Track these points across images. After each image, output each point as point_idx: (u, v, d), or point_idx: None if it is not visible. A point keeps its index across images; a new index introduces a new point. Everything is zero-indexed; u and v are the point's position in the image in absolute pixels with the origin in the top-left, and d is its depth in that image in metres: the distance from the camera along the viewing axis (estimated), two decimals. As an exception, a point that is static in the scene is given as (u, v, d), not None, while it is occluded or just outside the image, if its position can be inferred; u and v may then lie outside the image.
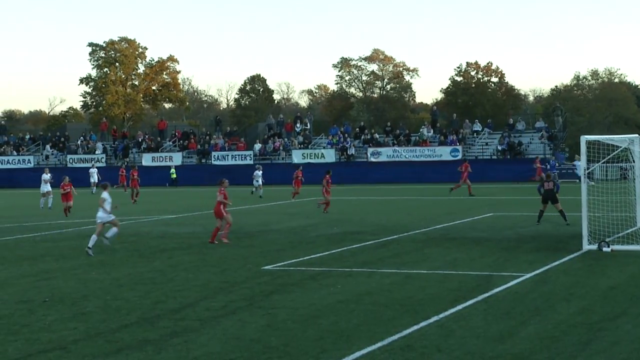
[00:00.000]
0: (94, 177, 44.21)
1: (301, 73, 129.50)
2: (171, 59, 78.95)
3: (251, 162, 54.00)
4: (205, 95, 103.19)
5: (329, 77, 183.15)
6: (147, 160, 55.68)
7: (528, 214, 24.49)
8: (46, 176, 31.57)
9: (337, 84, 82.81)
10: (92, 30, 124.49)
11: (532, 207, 27.19)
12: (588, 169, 16.10)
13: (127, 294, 12.11)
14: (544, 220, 21.87)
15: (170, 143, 58.41)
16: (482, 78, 76.28)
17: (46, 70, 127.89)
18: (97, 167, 46.67)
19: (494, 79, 76.65)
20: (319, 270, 14.04)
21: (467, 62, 76.69)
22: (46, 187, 31.30)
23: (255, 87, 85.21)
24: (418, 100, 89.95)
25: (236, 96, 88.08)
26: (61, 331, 9.72)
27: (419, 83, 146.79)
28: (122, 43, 76.66)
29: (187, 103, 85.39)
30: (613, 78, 79.52)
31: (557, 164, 45.40)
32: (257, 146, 54.91)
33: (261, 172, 37.59)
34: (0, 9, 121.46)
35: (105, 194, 17.03)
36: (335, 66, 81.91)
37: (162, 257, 16.29)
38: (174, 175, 51.16)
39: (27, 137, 63.62)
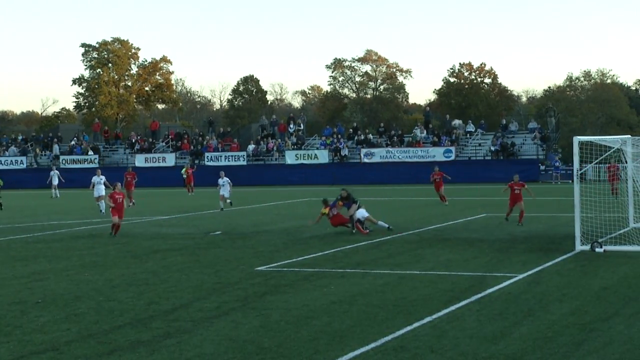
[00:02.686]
0: (55, 180, 41.27)
1: (294, 74, 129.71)
2: (164, 59, 78.79)
3: (244, 162, 54.08)
4: (199, 96, 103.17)
5: (322, 78, 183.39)
6: (140, 161, 55.64)
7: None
8: (97, 178, 28.56)
9: (330, 84, 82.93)
10: (84, 30, 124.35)
11: (526, 208, 27.26)
12: (581, 169, 16.15)
13: (120, 295, 12.07)
14: (536, 221, 21.95)
15: (164, 144, 58.36)
16: (475, 79, 76.44)
17: (39, 71, 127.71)
18: (57, 171, 43.16)
19: (487, 80, 76.84)
20: (312, 271, 14.01)
21: (460, 63, 76.96)
22: (100, 191, 28.15)
23: (249, 88, 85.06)
24: (411, 101, 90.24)
25: (229, 97, 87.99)
26: (54, 332, 9.68)
27: (412, 84, 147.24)
28: (115, 44, 76.46)
29: (180, 104, 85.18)
30: (605, 79, 79.86)
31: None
32: (251, 147, 54.84)
33: (227, 180, 29.13)
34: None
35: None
36: (328, 67, 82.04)
37: (155, 258, 16.24)
38: (185, 175, 45.97)
39: (20, 137, 63.42)
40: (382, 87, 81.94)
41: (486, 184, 43.64)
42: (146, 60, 78.34)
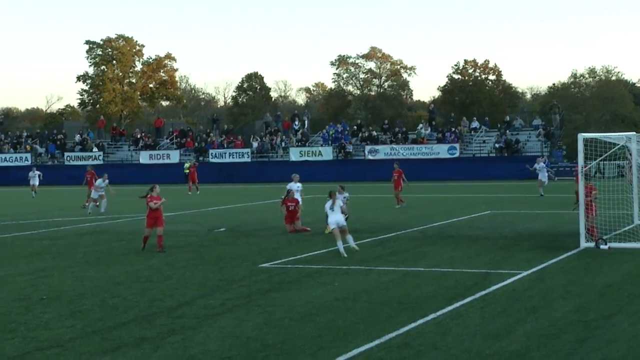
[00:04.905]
0: (35, 181, 39.31)
1: (298, 71, 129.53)
2: (168, 56, 78.85)
3: (249, 159, 54.04)
4: (203, 93, 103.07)
5: (326, 75, 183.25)
6: (144, 158, 55.69)
7: (526, 212, 24.53)
8: (103, 183, 28.49)
9: (334, 81, 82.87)
10: (89, 27, 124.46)
11: (530, 205, 27.27)
12: (585, 166, 16.10)
13: (124, 291, 12.08)
14: (540, 218, 21.91)
15: (168, 141, 58.37)
16: (480, 76, 76.25)
17: (43, 67, 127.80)
18: (38, 172, 40.63)
19: (492, 77, 76.64)
20: (316, 268, 13.95)
21: (464, 60, 76.72)
22: (100, 192, 28.11)
23: (253, 85, 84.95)
24: (415, 98, 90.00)
25: (233, 94, 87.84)
26: (58, 329, 9.70)
27: (416, 81, 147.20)
28: (120, 41, 76.52)
29: (185, 101, 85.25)
30: (610, 76, 79.51)
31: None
32: (255, 144, 54.79)
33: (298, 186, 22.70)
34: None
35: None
36: (332, 64, 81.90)
37: (159, 255, 16.22)
38: (187, 171, 44.71)
39: (24, 134, 63.55)
40: (386, 84, 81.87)
41: (490, 181, 43.57)
42: (150, 57, 78.49)
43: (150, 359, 8.28)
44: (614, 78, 79.25)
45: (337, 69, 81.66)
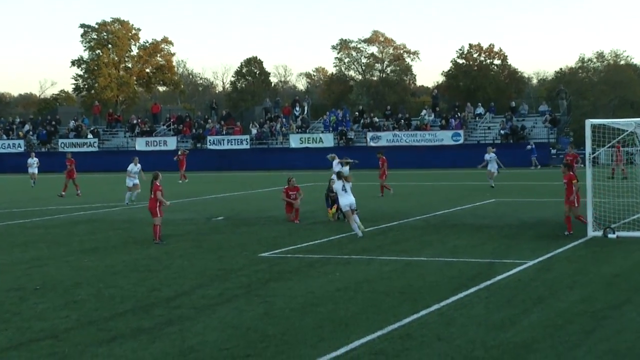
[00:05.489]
0: (34, 169, 37.48)
1: (299, 55, 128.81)
2: (165, 40, 77.87)
3: (248, 146, 53.65)
4: (201, 78, 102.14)
5: (327, 59, 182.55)
6: (140, 144, 55.01)
7: (531, 200, 24.31)
8: (135, 167, 26.17)
9: (335, 66, 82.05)
10: (84, 11, 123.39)
11: (535, 193, 27.04)
12: (593, 153, 15.86)
13: (121, 281, 11.93)
14: (545, 207, 21.69)
15: (165, 127, 57.84)
16: (485, 60, 74.67)
17: (37, 52, 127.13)
18: (36, 158, 38.83)
19: (497, 62, 75.09)
20: (317, 258, 13.83)
21: (469, 44, 75.34)
22: (134, 180, 25.82)
23: (252, 70, 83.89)
24: (419, 83, 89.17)
25: (232, 79, 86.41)
26: (53, 320, 9.54)
27: (419, 66, 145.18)
28: (115, 24, 75.59)
29: (182, 86, 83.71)
30: (619, 60, 78.28)
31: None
32: (254, 130, 54.37)
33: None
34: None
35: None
36: (334, 48, 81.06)
37: (157, 245, 16.03)
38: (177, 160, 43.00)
39: (17, 120, 63.11)
40: (389, 69, 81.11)
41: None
42: (147, 42, 77.49)
43: (147, 350, 8.11)
44: (622, 62, 78.13)
45: (338, 53, 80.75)
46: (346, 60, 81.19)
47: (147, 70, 78.03)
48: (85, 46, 75.58)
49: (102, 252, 15.10)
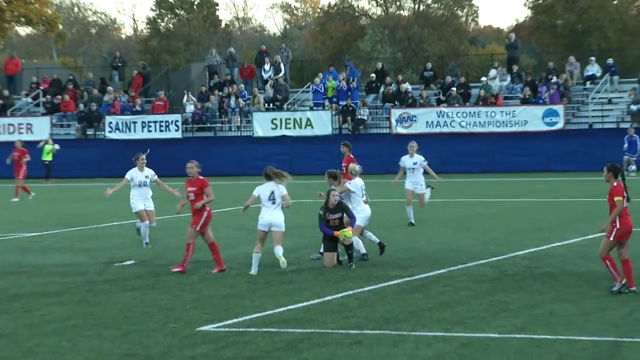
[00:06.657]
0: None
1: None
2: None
3: (179, 134, 34.56)
4: (95, 14, 66.81)
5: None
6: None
7: None
8: (141, 175, 15.59)
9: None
10: None
11: None
12: None
13: None
14: None
15: (29, 99, 38.23)
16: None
17: None
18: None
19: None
20: (302, 333, 9.47)
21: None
22: (145, 203, 15.53)
23: (186, 1, 55.05)
24: (483, 23, 64.39)
25: (150, 16, 55.81)
26: None
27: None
28: None
29: (61, 26, 52.63)
30: None
31: None
32: (189, 107, 35.55)
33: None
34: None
35: None
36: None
37: (14, 310, 10.93)
38: (49, 157, 31.79)
39: None
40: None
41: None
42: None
43: None
44: None
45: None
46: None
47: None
48: None
49: None
